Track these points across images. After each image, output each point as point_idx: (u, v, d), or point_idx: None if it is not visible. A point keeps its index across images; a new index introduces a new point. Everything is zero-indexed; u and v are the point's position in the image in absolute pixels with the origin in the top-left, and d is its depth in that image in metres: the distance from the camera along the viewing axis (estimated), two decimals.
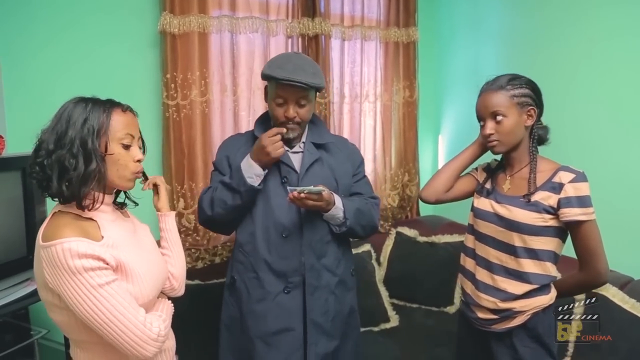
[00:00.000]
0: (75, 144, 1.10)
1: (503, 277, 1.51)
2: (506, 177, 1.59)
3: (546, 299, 1.49)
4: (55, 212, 1.15)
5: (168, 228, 1.44)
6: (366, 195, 1.84)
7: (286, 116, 1.64)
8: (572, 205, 1.41)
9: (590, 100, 2.24)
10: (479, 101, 1.55)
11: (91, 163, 1.11)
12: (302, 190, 1.52)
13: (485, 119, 1.53)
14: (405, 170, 3.11)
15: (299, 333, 1.67)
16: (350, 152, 1.87)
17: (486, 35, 2.83)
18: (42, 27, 2.13)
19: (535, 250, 1.47)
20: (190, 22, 2.29)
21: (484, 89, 1.55)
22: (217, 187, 1.68)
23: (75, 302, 1.05)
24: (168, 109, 2.31)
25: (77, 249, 1.04)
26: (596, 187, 1.86)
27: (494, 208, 1.55)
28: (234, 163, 1.70)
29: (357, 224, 1.72)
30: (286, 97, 1.62)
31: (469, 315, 1.62)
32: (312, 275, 1.68)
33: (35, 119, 1.18)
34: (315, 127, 1.81)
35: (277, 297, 1.67)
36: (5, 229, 1.82)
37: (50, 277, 1.06)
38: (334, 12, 2.75)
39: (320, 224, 1.70)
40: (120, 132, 1.16)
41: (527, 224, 1.46)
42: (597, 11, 2.19)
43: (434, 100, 3.24)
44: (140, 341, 1.09)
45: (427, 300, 2.74)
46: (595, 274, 1.46)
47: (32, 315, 2.03)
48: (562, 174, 1.45)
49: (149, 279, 1.21)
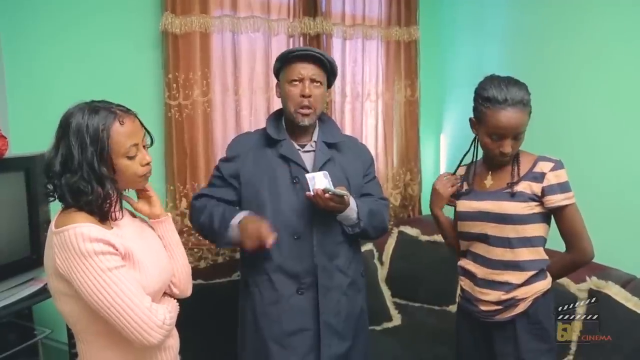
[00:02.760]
0: (84, 169, 1.11)
1: (502, 270, 1.55)
2: (488, 173, 1.61)
3: (544, 283, 1.55)
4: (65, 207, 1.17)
5: (168, 234, 1.37)
6: (376, 197, 1.83)
7: (302, 94, 1.65)
8: (555, 192, 1.49)
9: (594, 98, 2.23)
10: (500, 117, 1.44)
11: (105, 184, 1.13)
12: (327, 190, 1.51)
13: (505, 137, 1.47)
14: (407, 169, 3.11)
15: (314, 333, 1.66)
16: (360, 151, 1.87)
17: (489, 34, 2.83)
18: (44, 28, 2.13)
19: (529, 237, 1.52)
20: (191, 22, 2.29)
21: (507, 102, 1.44)
22: (208, 214, 1.68)
23: (84, 285, 1.08)
24: (170, 109, 2.32)
25: (89, 233, 1.08)
26: (600, 185, 1.86)
27: (477, 207, 1.58)
28: (245, 162, 1.72)
29: (369, 225, 1.72)
30: (302, 74, 1.65)
31: (470, 309, 1.63)
32: (324, 277, 1.68)
33: (38, 119, 1.19)
34: (325, 126, 1.80)
35: (291, 298, 1.67)
36: (9, 230, 1.83)
37: (61, 262, 1.09)
38: (335, 11, 2.74)
39: (333, 225, 1.69)
40: (123, 147, 1.16)
41: (517, 214, 1.51)
42: (601, 10, 2.18)
43: (436, 99, 3.23)
44: (146, 326, 1.11)
45: (429, 299, 2.74)
46: (582, 253, 1.54)
47: (35, 315, 2.03)
48: (542, 163, 1.51)
49: (155, 271, 1.23)
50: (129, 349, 1.17)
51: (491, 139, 1.51)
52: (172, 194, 2.38)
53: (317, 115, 1.72)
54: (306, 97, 1.65)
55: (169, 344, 1.28)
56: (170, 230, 1.38)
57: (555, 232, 1.56)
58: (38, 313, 2.05)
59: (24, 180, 1.84)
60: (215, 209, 1.68)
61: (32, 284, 1.88)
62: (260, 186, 1.69)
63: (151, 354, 1.24)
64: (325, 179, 1.59)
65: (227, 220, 1.64)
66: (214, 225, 1.65)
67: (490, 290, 1.56)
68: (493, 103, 1.46)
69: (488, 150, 1.54)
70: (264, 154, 1.72)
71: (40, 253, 1.80)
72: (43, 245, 1.18)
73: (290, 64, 1.66)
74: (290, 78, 1.66)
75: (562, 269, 1.60)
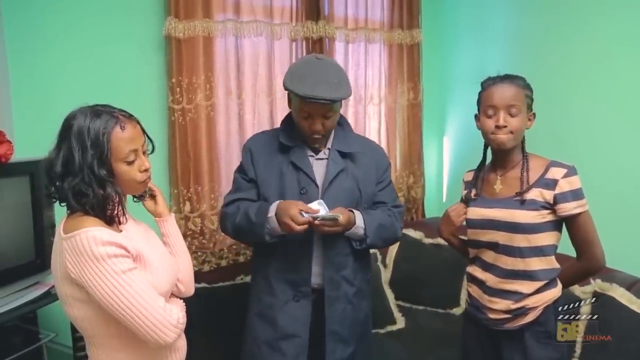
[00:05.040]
0: (85, 172, 1.12)
1: (513, 279, 1.51)
2: (497, 177, 1.58)
3: (555, 291, 1.52)
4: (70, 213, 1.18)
5: (171, 232, 1.42)
6: (389, 204, 1.80)
7: (313, 129, 1.60)
8: (568, 200, 1.45)
9: (597, 100, 2.23)
10: (492, 91, 1.49)
11: (106, 187, 1.14)
12: (316, 217, 1.50)
13: (498, 110, 1.48)
14: (410, 172, 3.11)
15: (304, 340, 1.67)
16: (376, 156, 1.81)
17: (491, 37, 2.83)
18: (48, 33, 2.15)
19: (541, 247, 1.49)
20: (195, 27, 2.30)
21: (495, 81, 1.51)
22: (242, 213, 1.64)
23: (98, 288, 1.08)
24: (173, 112, 2.32)
25: (101, 237, 1.09)
26: (605, 187, 1.85)
27: (486, 214, 1.55)
28: (258, 162, 1.70)
29: (378, 239, 1.70)
30: (313, 112, 1.58)
31: (479, 317, 1.61)
32: (331, 287, 1.68)
33: (42, 123, 1.19)
34: (342, 132, 1.75)
35: (286, 304, 1.68)
36: (14, 234, 1.84)
37: (73, 267, 1.09)
38: (338, 15, 2.75)
39: (339, 237, 1.67)
40: (122, 153, 1.17)
41: (528, 223, 1.47)
42: (604, 12, 2.18)
43: (439, 102, 3.23)
44: (161, 325, 1.13)
45: (433, 302, 2.74)
46: (594, 261, 1.51)
47: (40, 319, 2.04)
48: (554, 169, 1.47)
49: (163, 272, 1.24)
50: (141, 350, 1.19)
51: (488, 117, 1.50)
52: (175, 198, 2.38)
53: (329, 135, 1.71)
54: (316, 131, 1.61)
55: (179, 345, 1.30)
56: (174, 228, 1.43)
57: (566, 237, 1.53)
58: (43, 317, 2.05)
59: (29, 185, 1.85)
60: (250, 207, 1.65)
61: (37, 288, 1.88)
62: (268, 191, 1.69)
63: (162, 355, 1.25)
64: (319, 207, 1.57)
65: (265, 209, 1.61)
66: (252, 219, 1.61)
67: (500, 299, 1.53)
68: (487, 83, 1.53)
69: (486, 133, 1.52)
70: (275, 158, 1.70)
71: (45, 257, 1.83)
72: (48, 249, 1.19)
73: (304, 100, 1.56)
74: (300, 110, 1.60)
75: (572, 276, 1.57)
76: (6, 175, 1.79)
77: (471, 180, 1.68)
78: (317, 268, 1.69)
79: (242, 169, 1.76)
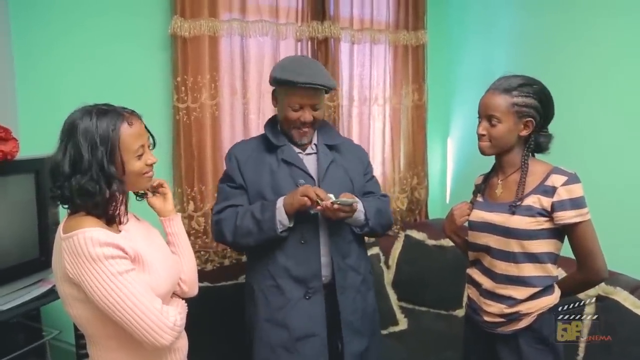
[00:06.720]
0: (93, 169, 1.12)
1: (506, 284, 1.50)
2: (498, 181, 1.58)
3: (551, 299, 1.49)
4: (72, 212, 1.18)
5: (176, 232, 1.41)
6: (377, 194, 1.86)
7: (303, 120, 1.65)
8: (566, 208, 1.41)
9: (605, 103, 2.21)
10: (482, 98, 1.53)
11: (112, 185, 1.14)
12: (335, 202, 1.52)
13: (481, 118, 1.52)
14: (414, 173, 3.10)
15: (323, 338, 1.66)
16: (357, 152, 1.91)
17: (497, 38, 2.82)
18: (53, 31, 2.16)
19: (535, 253, 1.46)
20: (200, 26, 2.30)
21: (492, 86, 1.52)
22: (242, 214, 1.64)
23: (95, 289, 1.08)
24: (178, 111, 2.33)
25: (99, 238, 1.09)
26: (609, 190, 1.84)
27: (484, 217, 1.55)
28: (246, 167, 1.71)
29: (378, 223, 1.74)
30: (304, 102, 1.63)
31: (475, 319, 1.62)
32: (340, 276, 1.69)
33: (48, 121, 1.20)
34: (324, 129, 1.81)
35: (298, 303, 1.66)
36: (19, 231, 1.85)
37: (71, 267, 1.09)
38: (343, 16, 2.75)
39: (341, 225, 1.70)
40: (132, 148, 1.18)
41: (523, 229, 1.45)
42: (611, 13, 2.16)
43: (443, 103, 3.23)
44: (157, 328, 1.12)
45: (435, 303, 2.73)
46: (594, 273, 1.46)
47: (44, 316, 2.05)
48: (555, 177, 1.44)
49: (163, 273, 1.24)
50: (139, 351, 1.18)
51: (479, 123, 1.54)
52: (179, 197, 2.39)
53: (314, 130, 1.75)
54: (306, 123, 1.67)
55: (179, 346, 1.29)
56: (180, 227, 1.42)
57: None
58: (46, 314, 2.06)
59: (34, 182, 1.86)
60: (251, 208, 1.66)
61: (41, 285, 1.89)
62: (264, 192, 1.69)
63: (161, 356, 1.25)
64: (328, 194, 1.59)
65: (270, 204, 1.62)
66: (258, 217, 1.61)
67: (494, 302, 1.52)
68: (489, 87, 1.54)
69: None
70: (264, 160, 1.72)
71: (49, 254, 1.83)
72: (52, 247, 1.19)
73: (292, 89, 1.62)
74: (291, 102, 1.64)
75: (572, 286, 1.55)
76: (12, 173, 1.80)
77: (480, 183, 1.69)
78: (324, 259, 1.69)
79: (228, 178, 1.76)
